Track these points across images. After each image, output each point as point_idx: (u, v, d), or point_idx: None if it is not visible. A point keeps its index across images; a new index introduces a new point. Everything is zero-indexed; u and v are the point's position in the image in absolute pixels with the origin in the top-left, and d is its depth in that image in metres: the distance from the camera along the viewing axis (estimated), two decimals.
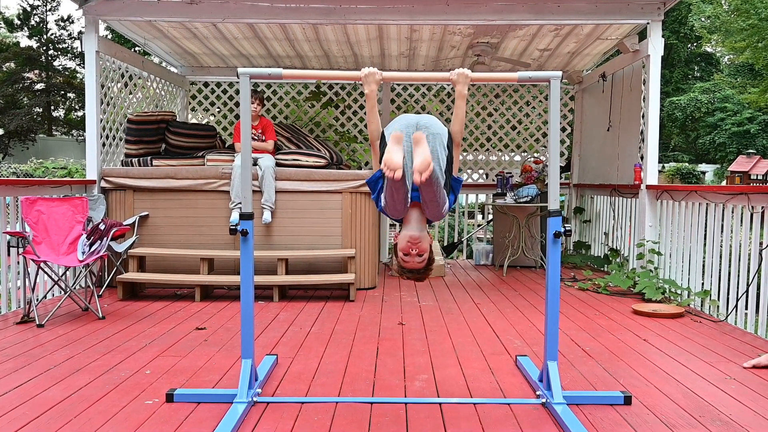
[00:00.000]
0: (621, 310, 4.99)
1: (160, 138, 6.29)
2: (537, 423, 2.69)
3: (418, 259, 2.51)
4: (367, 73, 2.72)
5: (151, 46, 7.22)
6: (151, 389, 3.06)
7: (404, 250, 2.50)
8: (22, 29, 26.37)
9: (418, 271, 2.55)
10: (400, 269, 2.58)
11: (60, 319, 4.52)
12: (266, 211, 5.65)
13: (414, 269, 2.54)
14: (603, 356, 3.69)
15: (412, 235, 2.49)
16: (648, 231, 5.73)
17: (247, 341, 2.98)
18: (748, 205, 4.39)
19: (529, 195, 6.99)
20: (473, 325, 4.46)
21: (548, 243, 2.94)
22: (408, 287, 6.00)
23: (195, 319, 4.58)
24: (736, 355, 3.72)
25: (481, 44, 6.87)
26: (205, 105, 8.49)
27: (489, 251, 7.78)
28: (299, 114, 8.34)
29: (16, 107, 23.34)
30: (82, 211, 4.92)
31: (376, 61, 7.72)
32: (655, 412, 2.81)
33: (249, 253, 2.95)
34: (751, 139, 27.57)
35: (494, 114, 8.51)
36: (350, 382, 3.19)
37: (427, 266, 2.56)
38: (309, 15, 5.71)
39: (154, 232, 5.80)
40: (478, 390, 3.10)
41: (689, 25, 30.82)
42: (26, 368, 3.36)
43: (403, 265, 2.55)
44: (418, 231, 2.50)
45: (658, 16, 5.64)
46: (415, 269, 2.54)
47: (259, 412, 2.78)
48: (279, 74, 2.92)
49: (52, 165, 15.37)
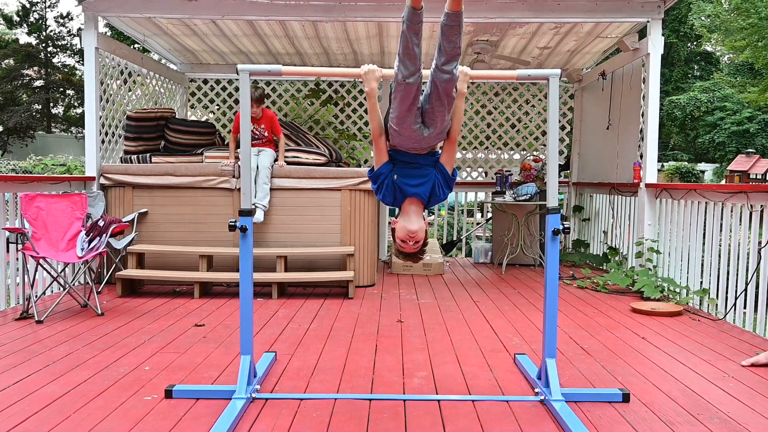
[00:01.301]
0: (619, 308, 4.99)
1: (159, 135, 6.28)
2: (535, 420, 2.69)
3: (414, 246, 2.73)
4: (367, 71, 2.72)
5: (150, 43, 7.21)
6: (150, 385, 3.06)
7: (402, 238, 2.72)
8: (21, 26, 26.34)
9: (414, 254, 2.78)
10: (397, 251, 2.83)
11: (59, 315, 4.52)
12: (258, 211, 5.61)
13: (410, 253, 2.78)
14: (601, 354, 3.69)
15: (410, 229, 2.70)
16: (647, 229, 5.74)
17: (246, 338, 2.98)
18: (747, 204, 4.40)
19: (528, 193, 6.99)
20: (472, 323, 4.47)
21: (547, 241, 2.94)
22: (407, 285, 6.00)
23: (194, 316, 4.58)
24: (734, 353, 3.73)
25: (480, 42, 6.87)
26: (205, 102, 8.49)
27: (488, 249, 7.78)
28: (299, 111, 8.34)
29: (15, 104, 23.34)
30: (81, 208, 4.92)
31: (376, 58, 7.71)
32: (654, 409, 2.82)
33: (248, 250, 2.95)
34: (751, 138, 27.59)
35: (494, 112, 8.51)
36: (349, 379, 3.20)
37: (421, 249, 2.79)
38: (308, 12, 5.70)
39: (153, 228, 5.80)
40: (476, 387, 3.10)
41: (689, 23, 30.84)
42: (25, 364, 3.37)
43: (401, 249, 2.78)
44: (416, 224, 2.70)
45: (658, 15, 5.64)
46: (411, 253, 2.78)
47: (257, 409, 2.78)
48: (278, 71, 2.92)
49: (51, 162, 15.34)
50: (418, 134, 2.65)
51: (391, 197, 2.75)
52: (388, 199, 2.77)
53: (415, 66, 2.52)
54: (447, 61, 2.52)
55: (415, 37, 2.47)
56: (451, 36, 2.48)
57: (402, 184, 2.70)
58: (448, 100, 2.60)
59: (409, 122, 2.61)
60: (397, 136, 2.68)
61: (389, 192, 2.73)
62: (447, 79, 2.54)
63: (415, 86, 2.54)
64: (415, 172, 2.71)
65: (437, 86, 2.56)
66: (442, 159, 2.77)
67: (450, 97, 2.61)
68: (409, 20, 2.43)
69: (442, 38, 2.50)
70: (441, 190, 2.74)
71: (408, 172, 2.71)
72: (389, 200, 2.77)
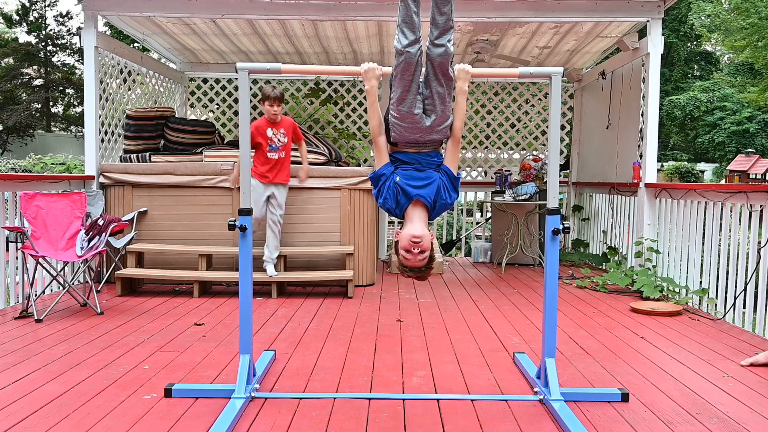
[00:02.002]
0: (619, 308, 4.99)
1: (158, 134, 6.28)
2: (534, 419, 2.69)
3: (420, 257, 2.54)
4: (367, 69, 2.71)
5: (150, 42, 7.21)
6: (149, 384, 3.06)
7: (406, 247, 2.53)
8: (20, 25, 26.33)
9: (419, 269, 2.57)
10: (401, 267, 2.61)
11: (58, 314, 4.52)
12: (269, 265, 5.34)
13: (415, 267, 2.57)
14: (601, 354, 3.69)
15: (415, 234, 2.52)
16: (646, 229, 5.74)
17: (245, 337, 2.98)
18: (747, 204, 4.40)
19: (527, 193, 6.99)
20: (471, 322, 4.47)
21: (547, 240, 2.94)
22: (406, 285, 6.00)
23: (193, 315, 4.58)
24: (733, 353, 3.73)
25: (480, 41, 6.86)
26: (204, 101, 8.48)
27: (487, 249, 7.78)
28: (298, 111, 8.34)
29: (15, 103, 23.33)
30: (81, 207, 4.92)
31: (376, 58, 7.71)
32: (653, 409, 2.82)
33: (248, 249, 2.95)
34: (750, 138, 27.61)
35: (493, 112, 8.51)
36: (348, 378, 3.20)
37: (428, 264, 2.58)
38: (308, 11, 5.70)
39: (153, 227, 5.79)
40: (475, 386, 3.10)
41: (689, 23, 30.84)
42: (25, 363, 3.36)
43: (405, 263, 2.58)
44: (420, 230, 2.54)
45: (658, 14, 5.64)
46: (416, 267, 2.57)
47: (257, 408, 2.78)
48: (278, 69, 2.92)
49: (51, 161, 15.34)
50: (420, 122, 2.58)
51: (393, 201, 2.59)
52: (390, 203, 2.60)
53: (414, 35, 2.52)
54: (440, 34, 2.53)
55: (413, 3, 2.50)
56: (443, 7, 2.50)
57: (405, 185, 2.58)
58: (446, 80, 2.57)
59: (410, 104, 2.55)
60: (398, 127, 2.60)
61: (391, 195, 2.59)
62: (441, 53, 2.52)
63: (416, 57, 2.52)
64: (418, 174, 2.61)
65: (433, 64, 2.55)
66: (446, 161, 2.68)
67: (448, 77, 2.57)
68: None
69: (434, 10, 2.53)
70: (447, 192, 2.61)
71: (411, 173, 2.61)
72: (391, 204, 2.60)
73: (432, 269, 2.61)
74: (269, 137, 5.22)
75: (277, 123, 5.27)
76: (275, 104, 5.16)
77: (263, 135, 5.21)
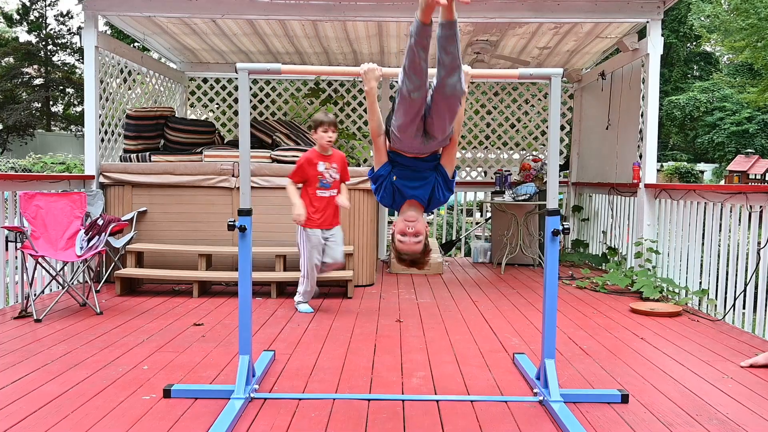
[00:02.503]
0: (618, 308, 4.99)
1: (158, 133, 6.28)
2: (534, 420, 2.69)
3: (414, 240, 2.61)
4: (367, 69, 2.71)
5: (150, 42, 7.21)
6: (148, 385, 3.06)
7: (401, 230, 2.62)
8: (21, 24, 26.33)
9: (415, 255, 2.63)
10: (398, 256, 2.67)
11: (58, 314, 4.52)
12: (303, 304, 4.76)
13: (411, 252, 2.62)
14: (600, 354, 3.69)
15: (409, 215, 2.63)
16: (646, 230, 5.74)
17: (244, 337, 2.98)
18: (747, 205, 4.40)
19: (527, 193, 6.99)
20: (471, 323, 4.46)
21: (546, 241, 2.94)
22: (406, 285, 6.00)
23: (193, 315, 4.57)
24: (733, 354, 3.73)
25: (480, 42, 6.86)
26: (204, 101, 8.48)
27: (487, 249, 7.78)
28: (298, 110, 8.34)
29: (15, 102, 23.32)
30: (81, 207, 4.92)
31: (376, 58, 7.71)
32: (653, 410, 2.82)
33: (247, 249, 2.95)
34: (750, 138, 27.62)
35: (493, 112, 8.51)
36: (347, 379, 3.19)
37: (424, 251, 2.65)
38: (308, 11, 5.70)
39: (153, 227, 5.79)
40: (475, 387, 3.10)
41: (689, 24, 30.86)
42: (24, 363, 3.36)
43: (401, 249, 2.64)
44: (415, 213, 2.63)
45: (658, 15, 5.64)
46: (411, 252, 2.62)
47: (256, 408, 2.78)
48: (278, 69, 2.92)
49: (51, 160, 15.35)
50: (420, 143, 2.61)
51: (389, 199, 2.70)
52: (387, 201, 2.71)
53: (420, 80, 2.42)
54: (447, 74, 2.40)
55: (422, 51, 2.38)
56: (449, 47, 2.38)
57: (401, 185, 2.66)
58: (450, 115, 2.51)
59: (411, 132, 2.55)
60: (398, 142, 2.63)
61: (388, 193, 2.69)
62: (450, 94, 2.42)
63: (420, 100, 2.45)
64: (415, 175, 2.68)
65: (439, 102, 2.47)
66: (442, 161, 2.72)
67: (453, 113, 2.51)
68: (417, 35, 2.34)
69: (440, 51, 2.41)
70: (441, 192, 2.69)
71: (407, 174, 2.68)
72: (388, 202, 2.72)
73: (429, 258, 2.69)
74: (320, 172, 4.55)
75: (329, 156, 4.62)
76: (330, 129, 4.52)
77: (314, 168, 4.55)
